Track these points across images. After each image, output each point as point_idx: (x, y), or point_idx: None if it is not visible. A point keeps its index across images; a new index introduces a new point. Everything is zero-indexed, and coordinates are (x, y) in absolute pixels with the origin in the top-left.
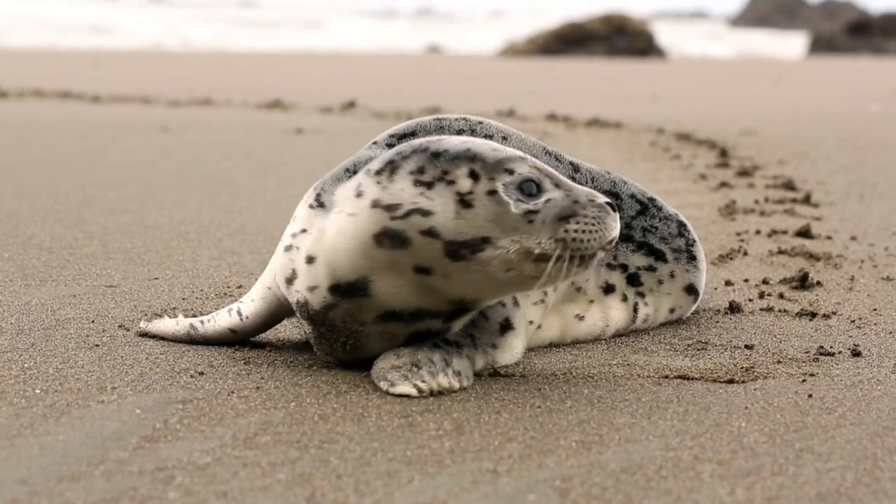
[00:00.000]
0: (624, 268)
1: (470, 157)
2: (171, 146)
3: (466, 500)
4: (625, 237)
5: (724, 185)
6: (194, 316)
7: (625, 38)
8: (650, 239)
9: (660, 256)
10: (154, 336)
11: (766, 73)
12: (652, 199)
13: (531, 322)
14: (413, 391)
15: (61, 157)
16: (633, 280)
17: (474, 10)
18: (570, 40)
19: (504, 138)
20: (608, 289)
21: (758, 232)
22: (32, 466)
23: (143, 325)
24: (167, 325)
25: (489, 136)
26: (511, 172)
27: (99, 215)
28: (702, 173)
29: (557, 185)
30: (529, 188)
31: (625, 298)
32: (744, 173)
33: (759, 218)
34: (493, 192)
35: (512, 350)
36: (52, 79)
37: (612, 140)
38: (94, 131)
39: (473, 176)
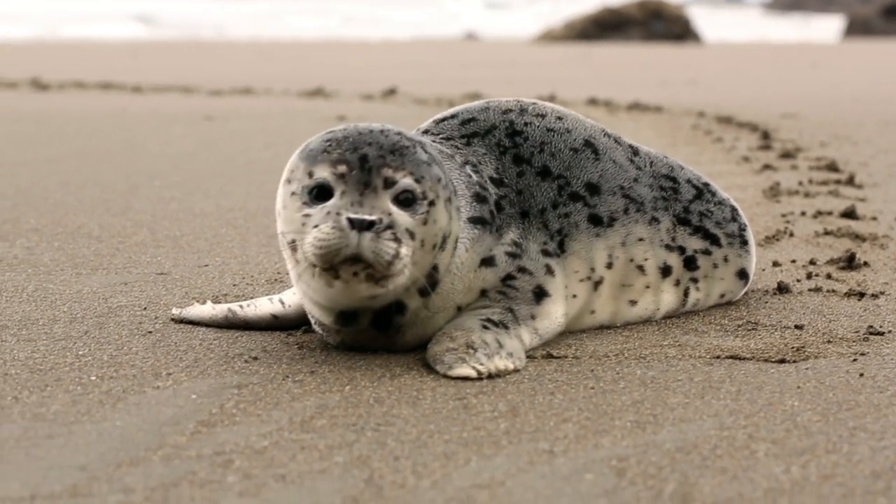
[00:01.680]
0: (682, 250)
1: (296, 157)
2: (214, 135)
3: (524, 480)
4: (682, 220)
5: (767, 167)
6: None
7: (661, 23)
8: (706, 223)
9: (714, 241)
10: (189, 322)
11: (803, 57)
12: (706, 185)
13: (574, 296)
14: (472, 373)
15: (105, 148)
16: (689, 263)
17: None
18: (606, 25)
19: (559, 118)
20: (666, 270)
21: (803, 213)
22: (91, 452)
23: (175, 311)
24: (203, 310)
25: (542, 115)
26: (311, 176)
27: (146, 204)
28: (744, 156)
29: (344, 194)
30: (320, 193)
31: (677, 283)
32: (786, 155)
33: (804, 199)
34: (293, 194)
35: (551, 317)
36: (92, 70)
37: (654, 124)
38: (136, 122)
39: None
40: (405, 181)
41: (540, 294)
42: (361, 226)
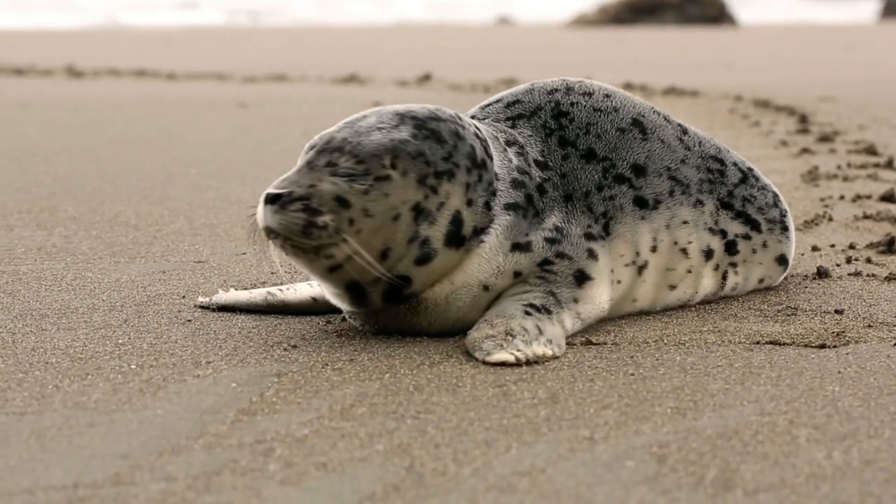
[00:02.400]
0: (724, 234)
1: None
2: (249, 122)
3: (564, 467)
4: (726, 204)
5: (805, 150)
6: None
7: (696, 6)
8: (748, 209)
9: (755, 226)
10: (224, 308)
11: (838, 39)
12: (750, 169)
13: (619, 281)
14: (510, 358)
15: (141, 136)
16: (730, 247)
17: None
18: (640, 9)
19: (607, 95)
20: (708, 254)
21: (842, 197)
22: (132, 441)
23: (201, 299)
24: (239, 295)
25: (588, 94)
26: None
27: (182, 192)
28: (782, 139)
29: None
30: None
31: (717, 267)
32: (824, 139)
33: (843, 183)
34: None
35: (594, 301)
36: (126, 57)
37: (690, 108)
38: (171, 109)
39: None
40: (344, 159)
41: (582, 278)
42: (267, 199)
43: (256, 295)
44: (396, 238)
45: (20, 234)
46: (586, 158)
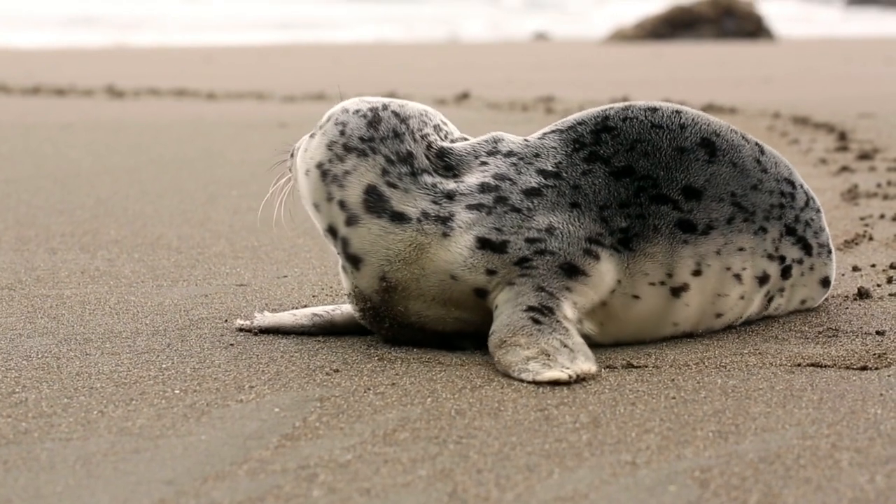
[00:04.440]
0: (782, 259)
1: None
2: (289, 143)
3: (607, 492)
4: (791, 230)
5: (844, 168)
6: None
7: (733, 21)
8: (807, 233)
9: (808, 250)
10: (267, 330)
11: (878, 53)
12: (808, 190)
13: (637, 297)
14: (563, 375)
15: (182, 157)
16: (785, 272)
17: None
18: (677, 24)
19: (676, 112)
20: (763, 279)
21: (882, 216)
22: (177, 467)
23: (239, 322)
24: (283, 317)
25: (653, 110)
26: None
27: (224, 214)
28: (822, 157)
29: None
30: None
31: (768, 292)
32: (864, 157)
33: (883, 202)
34: None
35: (587, 295)
36: (166, 76)
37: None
38: (212, 130)
39: None
40: None
41: (572, 270)
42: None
43: (301, 316)
44: (318, 194)
45: (63, 257)
46: (617, 175)
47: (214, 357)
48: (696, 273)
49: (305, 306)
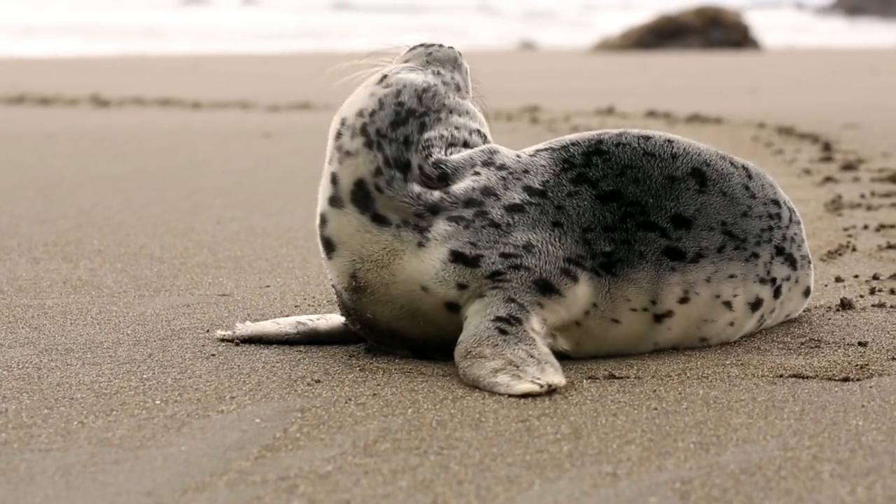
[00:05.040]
0: (773, 281)
1: None
2: (274, 152)
3: None
4: (780, 250)
5: (828, 179)
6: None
7: (719, 31)
8: (793, 249)
9: (794, 265)
10: (249, 340)
11: (863, 63)
12: (790, 204)
13: (616, 321)
14: (536, 388)
15: (166, 167)
16: (777, 292)
17: (566, 4)
18: (663, 34)
19: (668, 141)
20: (756, 305)
21: (865, 227)
22: (157, 478)
23: (220, 333)
24: (266, 325)
25: (646, 138)
26: None
27: (207, 224)
28: (806, 168)
29: None
30: None
31: (762, 316)
32: (848, 167)
33: (866, 212)
34: None
35: (558, 313)
36: (152, 85)
37: (714, 136)
38: (197, 139)
39: None
40: None
41: (546, 288)
42: None
43: (285, 324)
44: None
45: (46, 266)
46: (603, 199)
47: (196, 367)
48: (684, 300)
49: (287, 316)
